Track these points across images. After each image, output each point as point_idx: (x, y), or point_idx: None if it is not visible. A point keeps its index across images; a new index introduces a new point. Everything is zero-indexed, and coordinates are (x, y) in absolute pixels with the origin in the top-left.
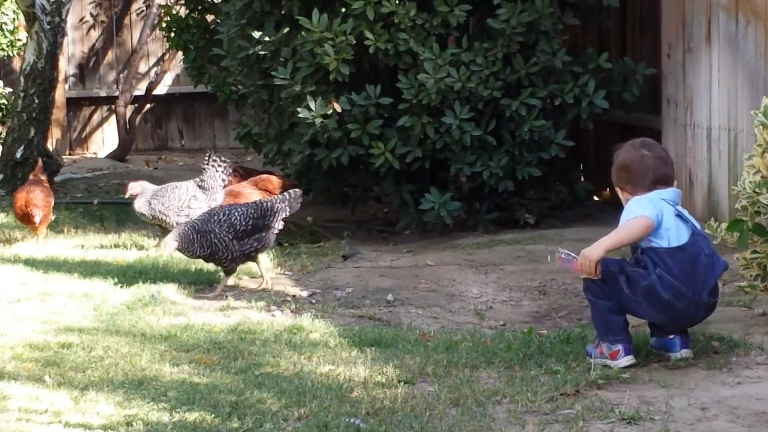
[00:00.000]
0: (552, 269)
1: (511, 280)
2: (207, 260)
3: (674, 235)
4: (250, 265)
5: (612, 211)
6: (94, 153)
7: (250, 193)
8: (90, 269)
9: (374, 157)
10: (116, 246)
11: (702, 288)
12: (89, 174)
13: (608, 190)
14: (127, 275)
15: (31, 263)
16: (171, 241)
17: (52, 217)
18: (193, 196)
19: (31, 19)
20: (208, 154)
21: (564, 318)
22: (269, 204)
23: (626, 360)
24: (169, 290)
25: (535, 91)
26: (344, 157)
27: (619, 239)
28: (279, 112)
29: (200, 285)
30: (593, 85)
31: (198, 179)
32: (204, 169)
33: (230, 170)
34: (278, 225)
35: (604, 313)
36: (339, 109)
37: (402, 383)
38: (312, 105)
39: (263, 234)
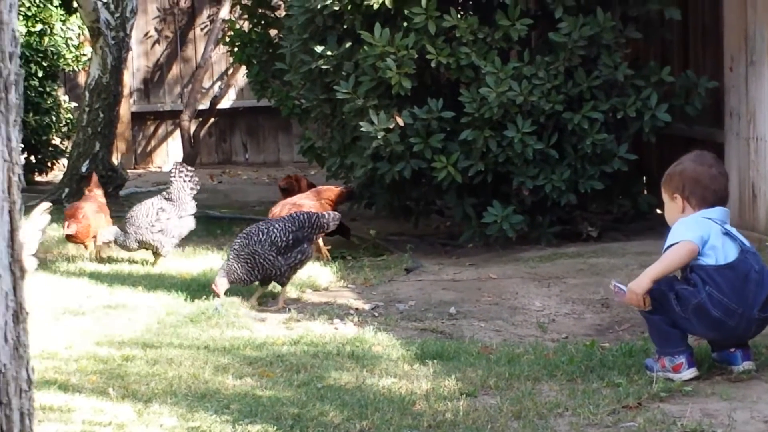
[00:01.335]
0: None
1: (574, 293)
2: (262, 282)
3: (722, 253)
4: (314, 278)
5: None
6: (159, 167)
7: (310, 204)
8: (154, 282)
9: (437, 171)
10: (180, 259)
11: (753, 304)
12: (154, 188)
13: None
14: (191, 288)
15: (95, 276)
16: (220, 280)
17: (104, 233)
18: (160, 209)
19: (95, 34)
20: (174, 166)
21: (626, 331)
22: (306, 216)
23: (690, 372)
24: (233, 303)
25: (598, 105)
26: (407, 170)
27: (665, 268)
28: (341, 126)
29: (263, 298)
30: (655, 98)
31: (165, 192)
32: (171, 181)
33: (197, 181)
34: (315, 239)
35: (660, 326)
36: (401, 123)
37: (464, 396)
38: (374, 119)
39: (305, 245)
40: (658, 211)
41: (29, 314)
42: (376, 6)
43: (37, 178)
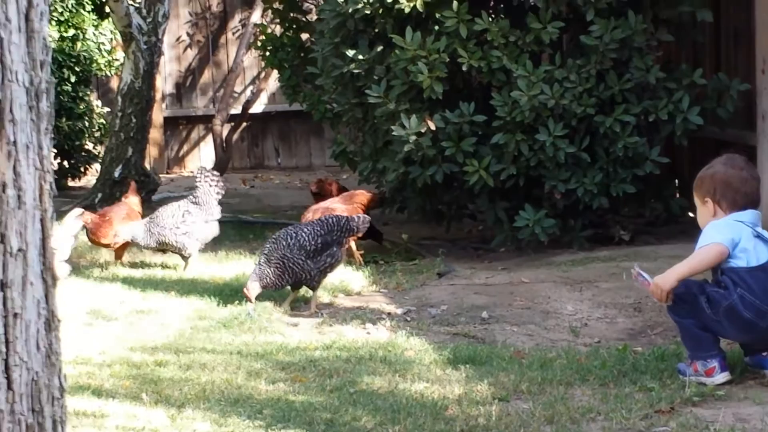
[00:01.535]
0: None
1: (606, 297)
2: (292, 286)
3: (753, 255)
4: (346, 282)
5: None
6: (191, 171)
7: (341, 208)
8: (187, 287)
9: (468, 175)
10: (213, 264)
11: None
12: (186, 192)
13: None
14: (224, 293)
15: (128, 281)
16: (252, 285)
17: (121, 231)
18: (186, 211)
19: (128, 39)
20: (200, 170)
21: (659, 335)
22: (335, 219)
23: (722, 376)
24: (265, 308)
25: (629, 108)
26: (438, 174)
27: (692, 268)
28: (373, 130)
29: (296, 303)
30: (687, 101)
31: (191, 196)
32: (197, 185)
33: (222, 186)
34: (346, 242)
35: (692, 330)
36: (433, 127)
37: (496, 401)
38: (406, 123)
39: (335, 249)
40: (690, 214)
41: (61, 322)
42: (407, 10)
43: (70, 183)
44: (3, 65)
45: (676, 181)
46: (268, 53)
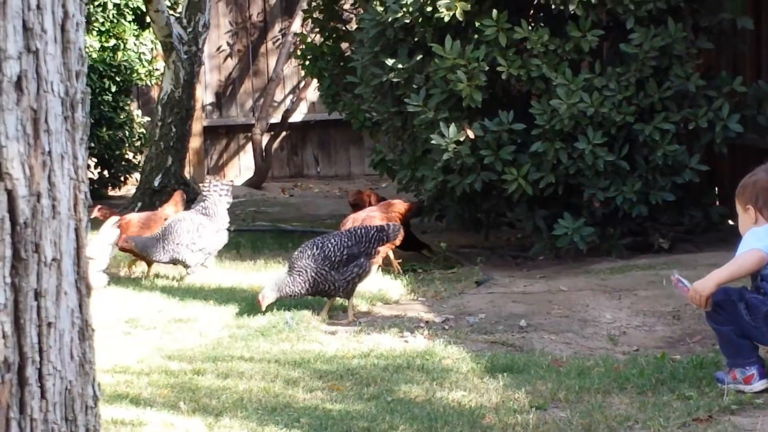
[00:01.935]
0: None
1: (645, 305)
2: (313, 295)
3: None
4: (384, 291)
5: None
6: (231, 181)
7: (379, 218)
8: (225, 296)
9: (507, 183)
10: (252, 272)
11: None
12: None
13: None
14: None
15: (167, 290)
16: (268, 292)
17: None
18: (201, 225)
19: (168, 48)
20: (209, 180)
21: (698, 343)
22: (363, 231)
23: (761, 384)
24: (304, 316)
25: (669, 116)
26: (477, 183)
27: (731, 273)
28: (412, 139)
29: (334, 311)
30: (727, 109)
31: (200, 206)
32: (205, 196)
33: (231, 195)
34: (377, 254)
35: (731, 338)
36: (472, 135)
37: (534, 409)
38: (445, 131)
39: (362, 260)
40: (730, 222)
41: (95, 331)
42: (446, 18)
43: (111, 193)
44: (39, 76)
45: (716, 188)
46: (307, 62)
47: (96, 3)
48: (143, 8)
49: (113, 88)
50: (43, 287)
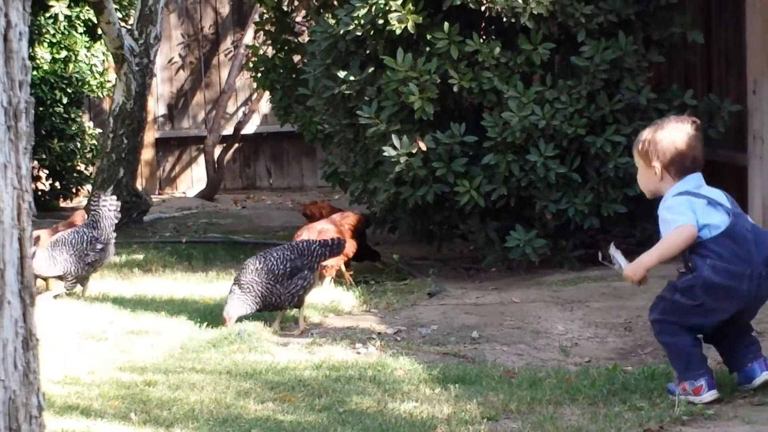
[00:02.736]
0: (638, 306)
1: (597, 316)
2: (263, 310)
3: (714, 223)
4: (336, 302)
5: None
6: (183, 192)
7: (331, 230)
8: (177, 308)
9: (459, 195)
10: (204, 284)
11: (757, 262)
12: (178, 213)
13: None
14: (214, 313)
15: (119, 302)
16: (231, 312)
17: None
18: (93, 238)
19: (120, 60)
20: (97, 195)
21: (650, 354)
22: (305, 244)
23: (710, 395)
24: (255, 328)
25: (620, 128)
26: (429, 195)
27: (661, 254)
28: (364, 151)
29: (286, 322)
30: None
31: (90, 221)
32: (93, 210)
33: (119, 210)
34: (317, 268)
35: (680, 351)
36: (424, 148)
37: (485, 420)
38: (397, 143)
39: (306, 273)
40: None
41: (39, 341)
42: (398, 31)
43: (62, 204)
44: None
45: None
46: (259, 74)
47: (47, 14)
48: (94, 20)
49: (65, 100)
50: None
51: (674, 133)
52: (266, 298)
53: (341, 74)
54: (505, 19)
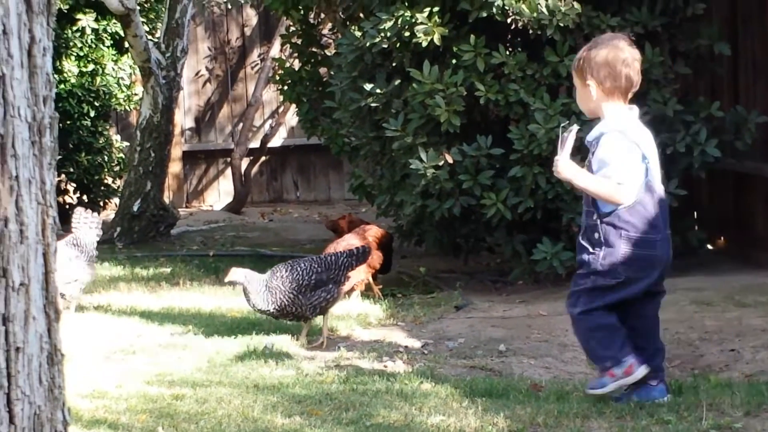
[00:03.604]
0: (665, 318)
1: None
2: (279, 317)
3: (637, 190)
4: (364, 315)
5: (728, 260)
6: (210, 206)
7: (353, 244)
8: (204, 321)
9: (486, 208)
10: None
11: (662, 227)
12: (205, 226)
13: (723, 238)
14: (241, 326)
15: (147, 315)
16: (240, 276)
17: None
18: (76, 257)
19: (147, 74)
20: (78, 212)
21: (677, 367)
22: (333, 258)
23: (643, 369)
24: (283, 341)
25: None
26: (456, 207)
27: (586, 187)
28: (391, 164)
29: (313, 336)
30: (705, 133)
31: (71, 238)
32: (74, 228)
33: (100, 227)
34: (347, 280)
35: (612, 333)
36: (450, 160)
37: None
38: (423, 156)
39: (330, 286)
40: (709, 246)
41: (64, 356)
42: (424, 44)
43: None
44: (5, 101)
45: (694, 213)
46: (286, 87)
47: (74, 28)
48: (122, 33)
49: (92, 113)
50: (11, 312)
51: (608, 51)
52: (286, 307)
53: (367, 87)
54: (531, 32)
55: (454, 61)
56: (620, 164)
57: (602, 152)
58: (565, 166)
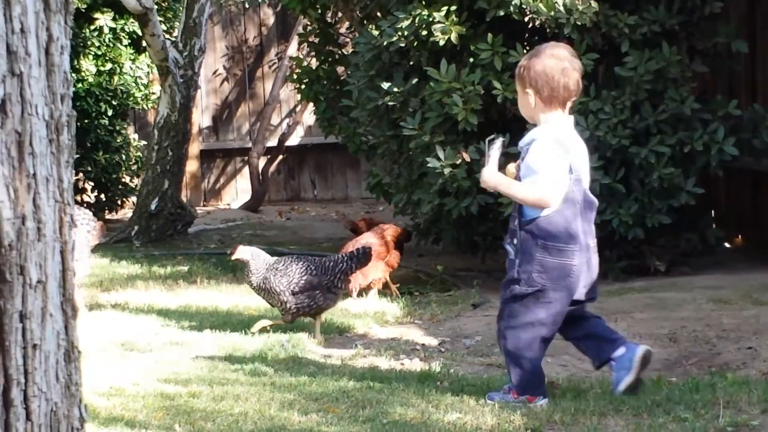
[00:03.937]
0: (682, 317)
1: (641, 327)
2: (264, 297)
3: (562, 200)
4: (381, 313)
5: (744, 259)
6: (228, 204)
7: (375, 243)
8: (221, 319)
9: (503, 206)
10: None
11: (585, 236)
12: (222, 225)
13: (740, 236)
14: None
15: (164, 313)
16: (246, 254)
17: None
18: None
19: (164, 72)
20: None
21: (694, 365)
22: (332, 263)
23: (544, 402)
24: (299, 339)
25: (664, 139)
26: (473, 206)
27: (512, 195)
28: (408, 162)
29: (330, 334)
30: (723, 132)
31: None
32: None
33: (94, 225)
34: (343, 285)
35: (533, 370)
36: (468, 159)
37: (529, 431)
38: (441, 155)
39: (317, 293)
40: (727, 245)
41: (81, 353)
42: (442, 42)
43: (108, 216)
44: (23, 99)
45: (712, 211)
46: (303, 86)
47: (92, 27)
48: (139, 32)
49: (110, 112)
50: (29, 309)
51: (547, 60)
52: (271, 297)
53: (385, 85)
54: (548, 30)
55: (471, 59)
56: (547, 171)
57: (531, 158)
58: (489, 176)
